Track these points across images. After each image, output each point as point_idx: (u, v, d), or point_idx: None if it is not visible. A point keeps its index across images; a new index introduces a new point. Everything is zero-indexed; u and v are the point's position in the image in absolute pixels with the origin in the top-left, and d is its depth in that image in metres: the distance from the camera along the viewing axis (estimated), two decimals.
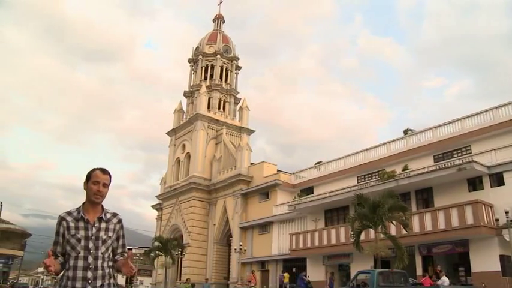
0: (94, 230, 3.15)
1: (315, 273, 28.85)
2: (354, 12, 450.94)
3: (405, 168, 27.36)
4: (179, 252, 38.88)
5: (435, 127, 28.06)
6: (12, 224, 49.59)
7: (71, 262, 3.08)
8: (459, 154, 26.25)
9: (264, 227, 36.80)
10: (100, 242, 3.15)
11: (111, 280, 3.21)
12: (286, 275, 32.68)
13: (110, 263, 3.23)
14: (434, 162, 26.46)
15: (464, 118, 26.50)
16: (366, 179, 31.05)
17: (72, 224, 3.15)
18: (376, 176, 29.60)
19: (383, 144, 31.26)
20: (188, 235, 42.36)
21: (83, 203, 3.25)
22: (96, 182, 3.19)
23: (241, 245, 35.99)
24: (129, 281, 54.66)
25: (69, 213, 3.23)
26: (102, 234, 3.17)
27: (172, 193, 46.82)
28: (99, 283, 3.08)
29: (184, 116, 50.89)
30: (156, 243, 38.31)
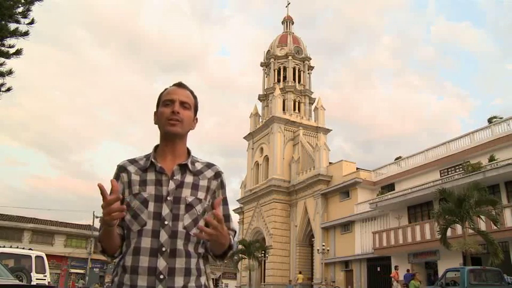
0: (173, 185, 1.81)
1: (401, 271, 28.01)
2: None
3: (492, 159, 25.81)
4: (262, 255, 39.28)
5: None
6: None
7: (132, 241, 1.76)
8: None
9: (346, 226, 36.25)
10: (183, 207, 1.78)
11: (203, 280, 1.79)
12: (300, 276, 33.73)
13: (201, 249, 1.83)
14: None
15: None
16: (450, 173, 29.61)
17: (135, 178, 1.85)
18: (460, 169, 28.14)
19: (466, 135, 29.64)
20: (270, 237, 42.66)
21: (155, 146, 1.95)
22: (170, 102, 1.89)
23: (323, 246, 35.68)
24: (215, 283, 55.88)
25: (132, 161, 1.93)
26: (186, 193, 1.81)
27: (253, 196, 47.42)
28: (180, 282, 1.69)
29: (261, 120, 51.46)
30: (240, 247, 38.94)
